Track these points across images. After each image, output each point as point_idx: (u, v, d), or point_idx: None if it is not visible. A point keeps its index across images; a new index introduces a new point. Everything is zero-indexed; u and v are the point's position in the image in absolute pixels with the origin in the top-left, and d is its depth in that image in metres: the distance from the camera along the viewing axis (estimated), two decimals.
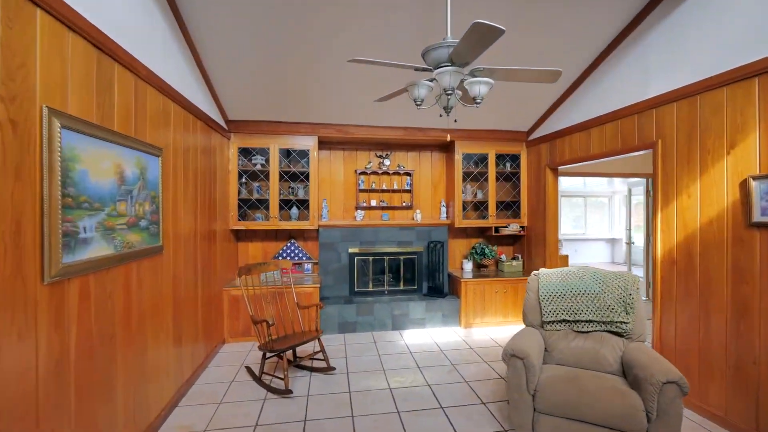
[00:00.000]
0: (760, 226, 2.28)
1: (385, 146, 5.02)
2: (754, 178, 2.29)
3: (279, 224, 4.39)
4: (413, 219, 4.93)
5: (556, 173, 4.44)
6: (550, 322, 2.70)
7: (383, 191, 5.00)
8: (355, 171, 4.90)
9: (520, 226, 4.88)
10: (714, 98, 2.54)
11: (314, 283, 4.28)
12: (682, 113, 2.77)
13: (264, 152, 4.44)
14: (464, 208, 4.83)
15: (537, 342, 2.51)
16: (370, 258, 4.86)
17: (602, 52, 3.40)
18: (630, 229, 6.51)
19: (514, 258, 4.99)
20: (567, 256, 4.49)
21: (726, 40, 2.44)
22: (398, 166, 5.01)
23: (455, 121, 2.43)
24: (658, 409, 1.96)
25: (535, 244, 4.73)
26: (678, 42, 2.76)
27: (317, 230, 4.77)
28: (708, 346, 2.58)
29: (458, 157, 4.73)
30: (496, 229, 4.86)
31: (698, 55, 2.62)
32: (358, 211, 4.81)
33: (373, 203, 4.93)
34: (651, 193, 5.78)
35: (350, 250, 4.78)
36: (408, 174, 5.00)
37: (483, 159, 4.88)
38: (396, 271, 4.97)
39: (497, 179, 4.89)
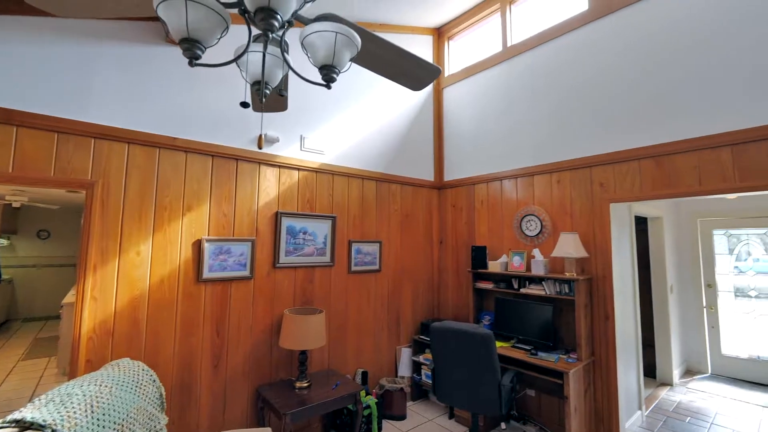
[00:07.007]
0: (206, 281, 2.70)
1: None
2: (207, 240, 2.70)
3: None
4: None
5: None
6: None
7: None
8: None
9: None
10: (174, 158, 2.59)
11: None
12: (137, 160, 2.44)
13: None
14: None
15: None
16: None
17: None
18: None
19: None
20: None
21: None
22: None
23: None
24: None
25: None
26: (143, 85, 2.45)
27: None
28: None
29: None
30: None
31: (157, 109, 2.54)
32: None
33: None
34: None
35: None
36: None
37: None
38: None
39: None
